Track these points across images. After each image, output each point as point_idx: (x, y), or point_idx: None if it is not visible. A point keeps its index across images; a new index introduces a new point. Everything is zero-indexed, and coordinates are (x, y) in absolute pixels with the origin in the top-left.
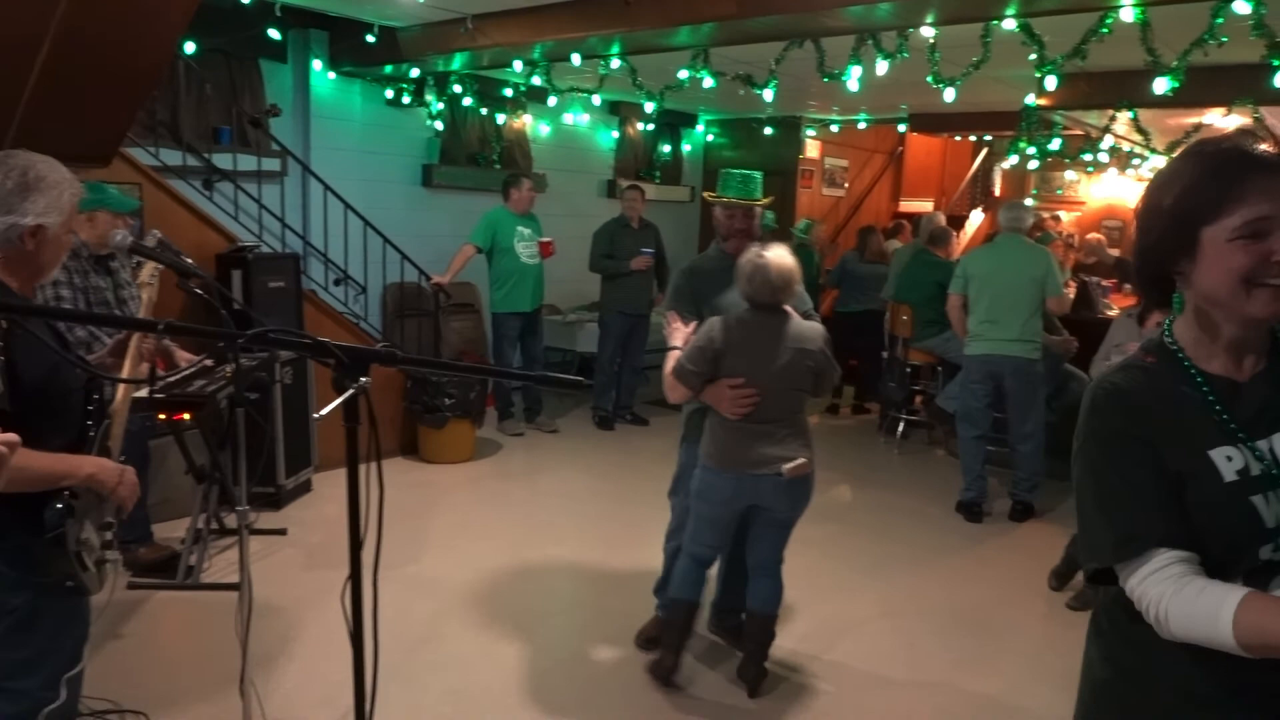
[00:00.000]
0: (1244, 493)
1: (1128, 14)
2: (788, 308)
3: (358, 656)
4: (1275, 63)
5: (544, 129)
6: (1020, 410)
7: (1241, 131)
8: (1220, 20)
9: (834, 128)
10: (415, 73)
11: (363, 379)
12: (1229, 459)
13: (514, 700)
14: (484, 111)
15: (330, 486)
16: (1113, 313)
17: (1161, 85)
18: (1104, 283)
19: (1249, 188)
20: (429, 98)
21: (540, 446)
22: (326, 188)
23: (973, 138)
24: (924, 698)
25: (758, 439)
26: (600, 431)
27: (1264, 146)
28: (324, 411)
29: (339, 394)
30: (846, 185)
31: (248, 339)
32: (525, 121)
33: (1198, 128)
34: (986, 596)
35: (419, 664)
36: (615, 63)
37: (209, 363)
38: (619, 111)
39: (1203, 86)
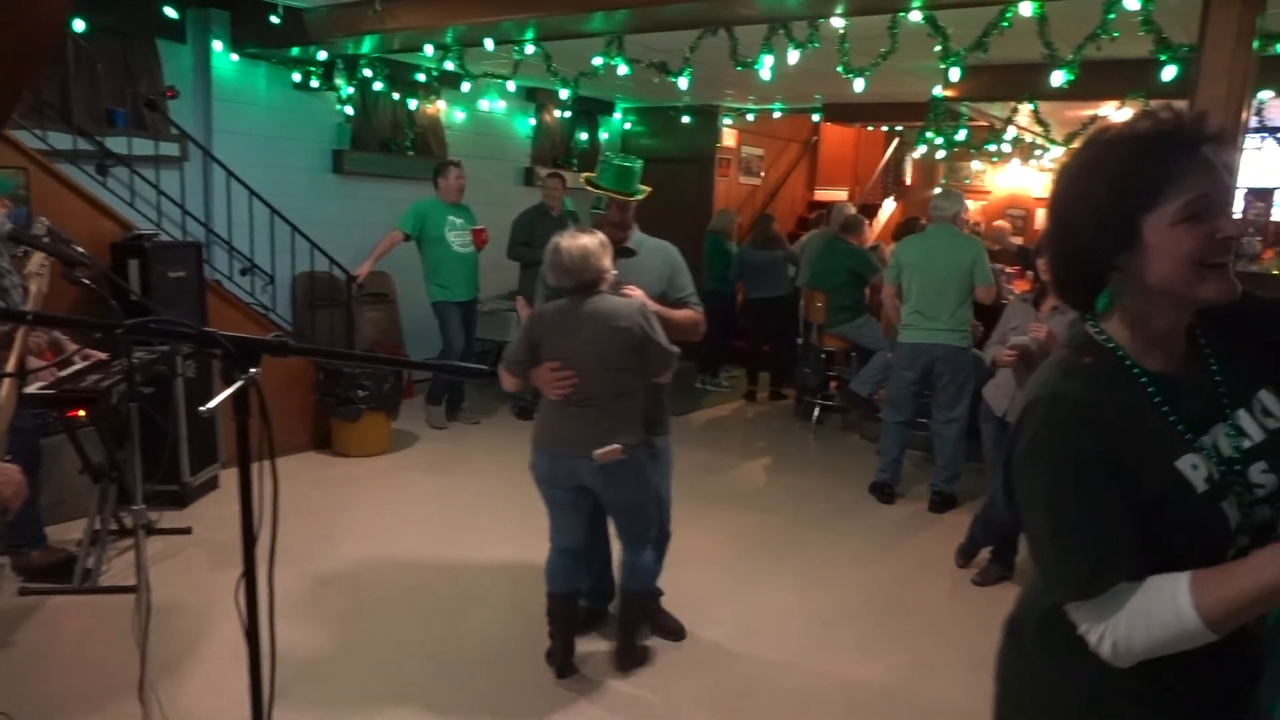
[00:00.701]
0: (1215, 500)
1: (1026, 8)
2: (634, 292)
3: (253, 655)
4: (1162, 58)
5: (459, 115)
6: (950, 396)
7: (1146, 113)
8: (1112, 16)
9: (750, 117)
10: (323, 55)
11: (252, 369)
12: (1195, 468)
13: (431, 695)
14: (396, 97)
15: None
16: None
17: (1058, 78)
18: (1007, 269)
19: (1182, 168)
20: (338, 82)
21: (459, 438)
22: (229, 173)
23: (884, 128)
24: (834, 678)
25: (574, 420)
26: (520, 422)
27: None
28: (212, 404)
29: (228, 386)
30: (763, 174)
31: (126, 329)
32: (439, 107)
33: (1094, 119)
34: (897, 575)
35: (332, 661)
36: (530, 48)
37: (100, 356)
38: (536, 98)
39: (1098, 80)
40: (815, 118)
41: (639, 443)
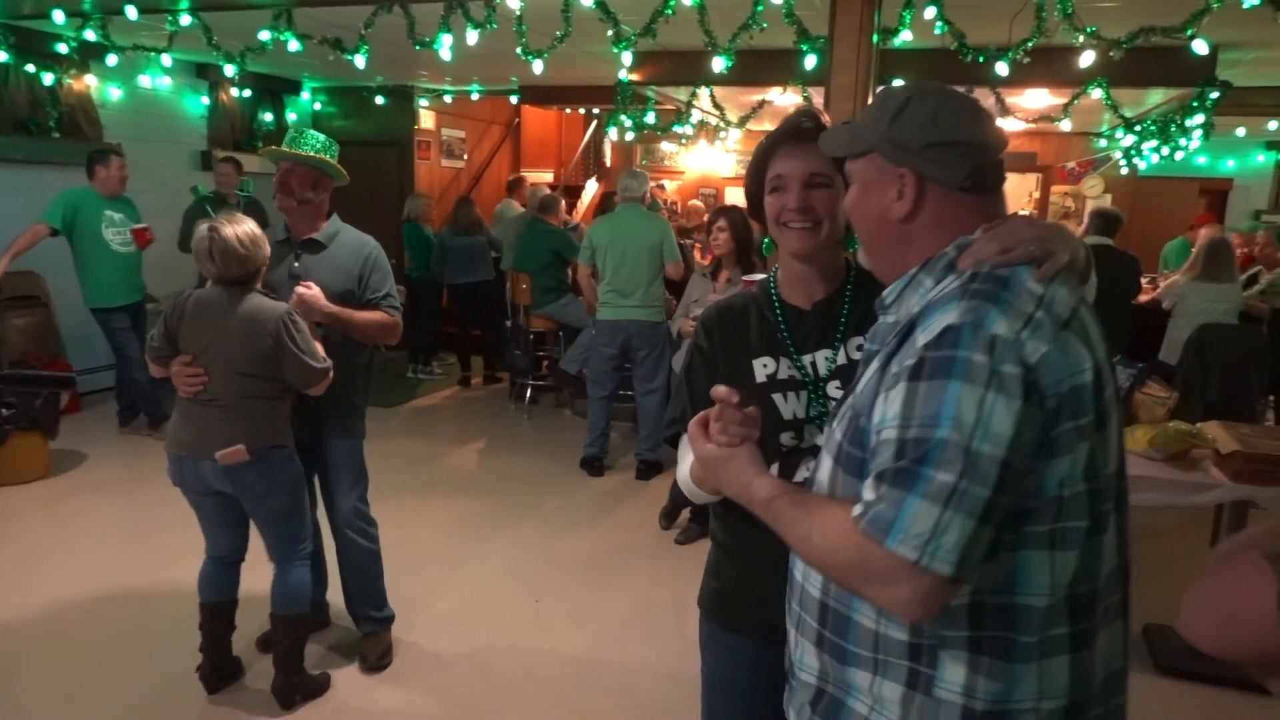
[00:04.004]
0: (768, 392)
1: None
2: (309, 290)
3: None
4: (804, 48)
5: (115, 92)
6: (648, 368)
7: (805, 112)
8: (760, 8)
9: (448, 98)
10: None
11: None
12: (764, 366)
13: None
14: (31, 69)
15: None
16: None
17: (718, 64)
18: (699, 245)
19: (779, 153)
20: None
21: (140, 453)
22: None
23: (582, 110)
24: (547, 653)
25: (199, 419)
26: None
27: (826, 118)
28: None
29: None
30: (466, 156)
31: None
32: (88, 83)
33: (762, 104)
34: (606, 544)
35: None
36: (186, 19)
37: None
38: (208, 75)
39: (760, 67)
40: (513, 99)
41: (273, 446)
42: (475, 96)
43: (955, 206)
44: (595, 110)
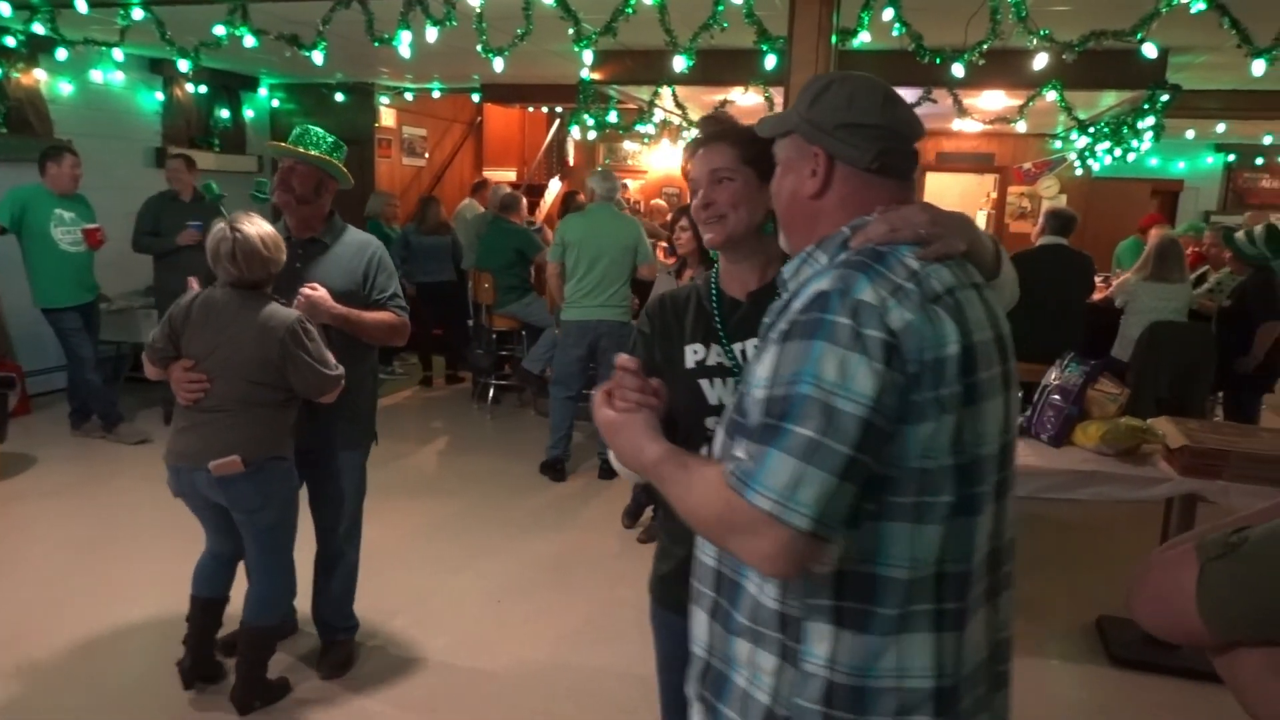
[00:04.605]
0: (695, 377)
1: None
2: (315, 291)
3: None
4: (764, 48)
5: (66, 87)
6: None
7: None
8: (721, 8)
9: (409, 96)
10: None
11: None
12: (694, 353)
13: None
14: None
15: None
16: None
17: (679, 63)
18: (663, 245)
19: (697, 156)
20: None
21: (93, 456)
22: None
23: (545, 109)
24: (506, 653)
25: (199, 428)
26: (168, 427)
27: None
28: None
29: None
30: (427, 155)
31: None
32: (39, 78)
33: (724, 103)
34: (568, 544)
35: None
36: (138, 13)
37: None
38: (163, 70)
39: (722, 67)
40: (475, 98)
41: (272, 457)
42: (437, 94)
43: (862, 187)
44: (558, 109)
